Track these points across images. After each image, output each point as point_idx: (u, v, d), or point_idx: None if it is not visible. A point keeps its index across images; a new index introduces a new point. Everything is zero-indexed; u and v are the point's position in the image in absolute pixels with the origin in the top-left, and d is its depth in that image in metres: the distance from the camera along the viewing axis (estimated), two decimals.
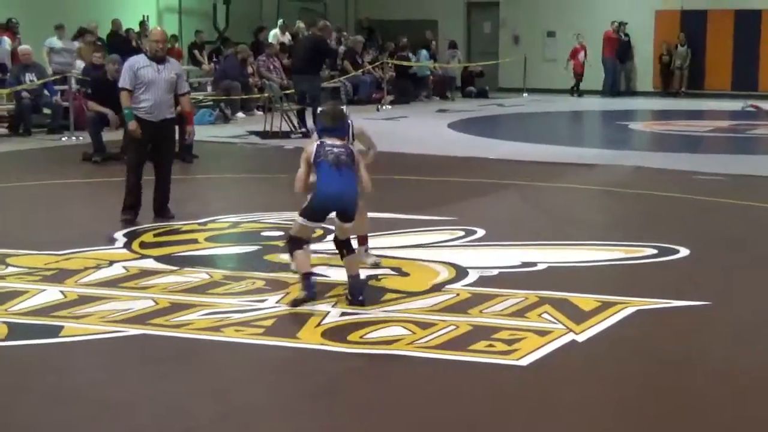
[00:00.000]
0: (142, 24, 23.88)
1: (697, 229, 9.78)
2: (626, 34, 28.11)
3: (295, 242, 7.07)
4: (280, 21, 25.92)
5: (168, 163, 9.92)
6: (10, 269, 7.82)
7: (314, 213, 6.99)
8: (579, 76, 28.31)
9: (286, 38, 24.98)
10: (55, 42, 20.12)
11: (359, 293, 6.91)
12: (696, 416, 5.13)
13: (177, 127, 10.21)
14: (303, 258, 7.06)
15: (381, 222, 9.48)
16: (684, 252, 8.51)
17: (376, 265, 7.84)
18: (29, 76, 17.73)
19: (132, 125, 9.62)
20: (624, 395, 5.42)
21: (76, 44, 20.48)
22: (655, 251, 8.55)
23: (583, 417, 5.10)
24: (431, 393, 5.40)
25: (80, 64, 19.78)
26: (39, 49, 19.58)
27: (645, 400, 5.35)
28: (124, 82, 9.65)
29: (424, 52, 27.38)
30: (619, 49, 28.06)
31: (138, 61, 9.73)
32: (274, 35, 24.91)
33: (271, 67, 22.32)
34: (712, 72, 28.04)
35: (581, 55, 28.02)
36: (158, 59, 9.66)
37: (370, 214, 7.94)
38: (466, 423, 5.01)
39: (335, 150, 6.95)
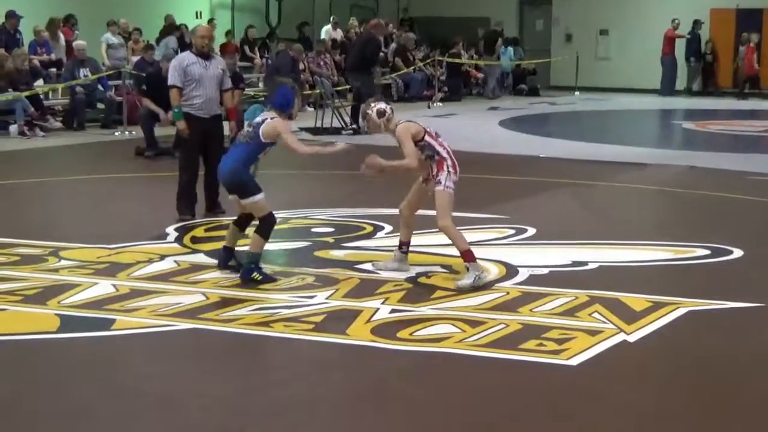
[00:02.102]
0: (210, 21, 24.05)
1: (751, 229, 9.68)
2: (698, 33, 27.70)
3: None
4: (331, 17, 25.97)
5: (218, 159, 9.93)
6: (63, 262, 7.89)
7: None
8: (750, 77, 27.29)
9: (338, 35, 25.02)
10: (111, 38, 20.32)
11: (244, 272, 7.34)
12: (749, 419, 5.07)
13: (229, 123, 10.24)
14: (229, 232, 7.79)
15: (432, 219, 9.46)
16: (737, 253, 8.43)
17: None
18: (83, 72, 17.90)
19: (181, 125, 9.63)
20: (675, 397, 5.37)
21: (120, 40, 20.68)
22: (707, 252, 8.47)
23: (633, 418, 5.06)
24: (480, 392, 5.38)
25: (133, 60, 19.97)
26: (94, 44, 19.78)
27: (696, 403, 5.30)
28: (173, 79, 9.61)
29: (510, 49, 27.59)
30: (693, 47, 27.59)
31: (185, 58, 9.73)
32: (326, 31, 24.96)
33: (322, 63, 22.36)
34: None
35: (754, 56, 27.05)
36: (204, 55, 9.67)
37: (420, 212, 7.91)
38: (514, 422, 4.99)
39: (246, 129, 7.55)
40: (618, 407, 5.21)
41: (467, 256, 7.32)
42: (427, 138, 7.40)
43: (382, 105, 7.46)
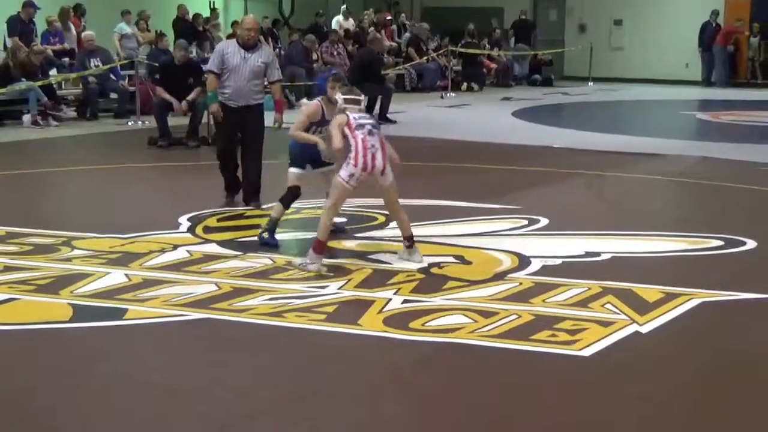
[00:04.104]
0: (213, 11, 24.08)
1: (765, 220, 9.64)
2: (717, 24, 27.55)
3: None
4: (343, 7, 25.92)
5: (252, 151, 9.92)
6: (76, 252, 7.90)
7: None
8: None
9: (350, 24, 24.97)
10: (125, 28, 20.35)
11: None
12: (762, 411, 5.05)
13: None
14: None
15: (444, 210, 9.46)
16: (751, 244, 8.39)
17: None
18: (94, 62, 17.92)
19: (213, 107, 9.80)
20: (687, 388, 5.35)
21: (134, 30, 20.72)
22: (721, 243, 8.44)
23: (645, 409, 5.05)
24: (492, 382, 5.37)
25: (145, 49, 19.99)
26: (107, 34, 19.80)
27: (708, 394, 5.28)
28: (211, 65, 9.80)
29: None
30: (709, 37, 27.40)
31: (228, 45, 9.88)
32: (336, 21, 24.93)
33: (335, 53, 22.33)
34: None
35: None
36: (248, 47, 9.70)
37: (433, 202, 7.90)
38: (526, 412, 4.98)
39: None
40: (630, 398, 5.19)
41: (317, 245, 7.43)
42: (345, 129, 7.54)
43: (337, 95, 7.87)
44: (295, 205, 9.76)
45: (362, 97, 7.85)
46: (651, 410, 5.04)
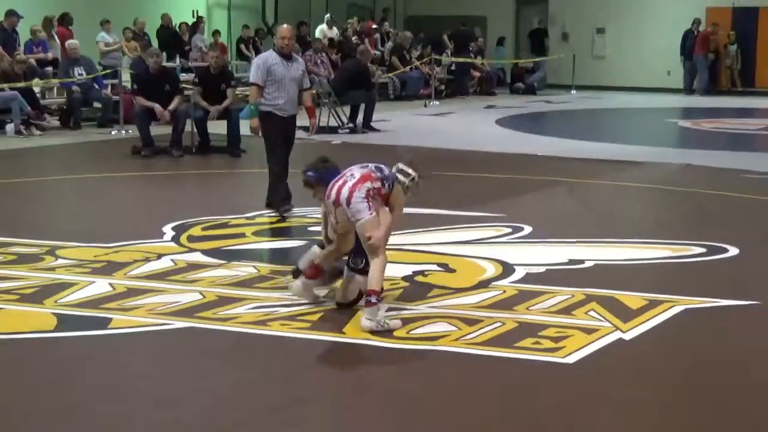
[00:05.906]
0: (200, 19, 24.08)
1: (747, 228, 9.69)
2: (699, 32, 27.65)
3: None
4: (327, 16, 25.94)
5: (288, 154, 10.02)
6: (60, 261, 7.89)
7: None
8: None
9: (334, 33, 25.00)
10: (106, 37, 20.34)
11: None
12: (743, 418, 5.08)
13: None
14: None
15: (428, 218, 9.47)
16: (733, 251, 8.44)
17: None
18: (78, 70, 17.88)
19: (254, 122, 9.83)
20: (671, 395, 5.37)
21: (115, 39, 20.73)
22: (703, 250, 8.48)
23: (628, 416, 5.07)
24: (476, 389, 5.38)
25: (127, 59, 20.00)
26: (90, 43, 19.78)
27: (691, 401, 5.31)
28: (255, 77, 9.77)
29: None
30: (690, 46, 27.53)
31: (269, 57, 9.86)
32: (320, 30, 24.95)
33: (318, 62, 22.35)
34: (764, 69, 27.73)
35: None
36: (285, 55, 9.79)
37: (417, 210, 7.90)
38: (510, 420, 5.00)
39: None
40: (614, 405, 5.21)
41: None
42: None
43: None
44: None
45: (412, 173, 7.09)
46: (635, 417, 5.06)
